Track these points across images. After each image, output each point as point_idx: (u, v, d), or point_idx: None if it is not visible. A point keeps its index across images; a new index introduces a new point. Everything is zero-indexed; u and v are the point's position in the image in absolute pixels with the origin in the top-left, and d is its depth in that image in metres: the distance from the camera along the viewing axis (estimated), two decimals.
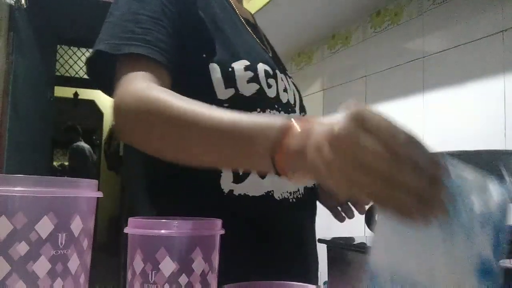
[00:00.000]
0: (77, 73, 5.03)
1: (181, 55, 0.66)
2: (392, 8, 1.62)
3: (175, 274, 0.45)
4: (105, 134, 5.70)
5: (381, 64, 1.66)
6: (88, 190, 0.42)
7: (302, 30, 1.95)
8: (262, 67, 0.71)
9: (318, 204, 0.87)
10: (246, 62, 0.69)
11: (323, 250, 1.10)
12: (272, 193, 0.69)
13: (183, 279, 0.45)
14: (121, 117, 0.59)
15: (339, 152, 0.38)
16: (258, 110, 0.69)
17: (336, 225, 0.88)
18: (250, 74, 0.69)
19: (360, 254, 1.02)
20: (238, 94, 0.68)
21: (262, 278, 0.50)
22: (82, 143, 5.36)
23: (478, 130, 1.25)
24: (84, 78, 5.02)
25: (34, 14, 2.61)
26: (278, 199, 0.70)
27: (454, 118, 1.34)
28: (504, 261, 0.44)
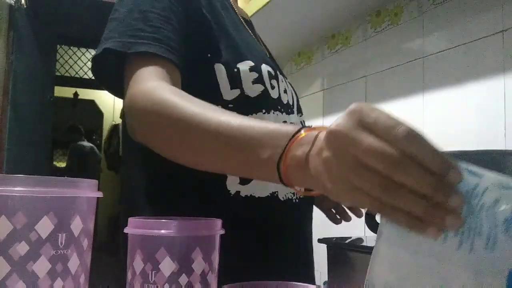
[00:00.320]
0: (77, 73, 5.04)
1: (186, 55, 0.65)
2: (392, 8, 1.62)
3: (175, 274, 0.45)
4: (105, 134, 5.70)
5: (381, 64, 1.66)
6: (88, 190, 0.42)
7: (302, 30, 1.95)
8: (265, 68, 0.71)
9: None
10: (251, 63, 0.69)
11: (323, 250, 1.09)
12: (276, 193, 0.69)
13: (183, 279, 0.45)
14: (132, 117, 0.59)
15: (335, 149, 0.35)
16: (263, 111, 0.69)
17: (336, 225, 0.88)
18: (255, 75, 0.69)
19: (360, 254, 1.02)
20: (243, 95, 0.68)
21: (266, 278, 0.50)
22: (84, 143, 5.37)
23: (478, 130, 1.25)
24: (84, 78, 5.02)
25: (34, 14, 2.61)
26: (283, 200, 0.70)
27: (454, 118, 1.34)
28: None
